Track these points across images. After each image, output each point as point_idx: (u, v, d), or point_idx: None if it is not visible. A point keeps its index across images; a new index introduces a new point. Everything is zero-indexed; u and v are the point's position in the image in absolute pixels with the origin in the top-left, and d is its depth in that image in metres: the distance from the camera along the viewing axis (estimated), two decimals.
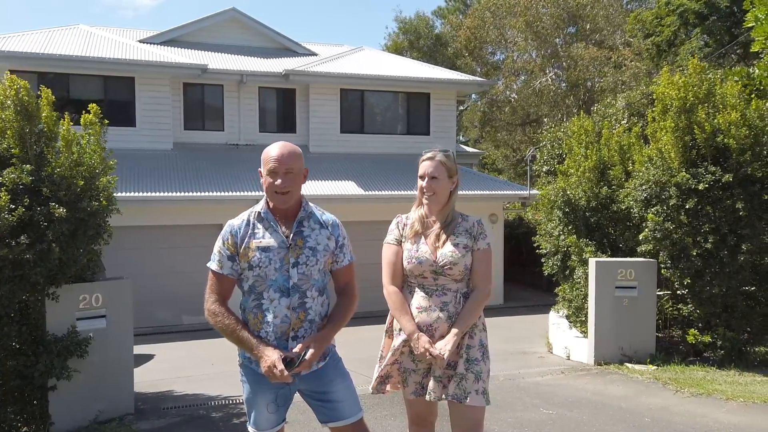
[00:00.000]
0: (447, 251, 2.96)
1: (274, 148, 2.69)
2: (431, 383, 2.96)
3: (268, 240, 2.67)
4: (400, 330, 2.98)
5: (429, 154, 3.07)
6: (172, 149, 13.26)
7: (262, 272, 2.64)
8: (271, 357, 2.53)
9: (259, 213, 2.73)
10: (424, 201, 3.04)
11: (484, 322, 3.07)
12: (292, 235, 2.69)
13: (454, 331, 2.90)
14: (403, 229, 3.08)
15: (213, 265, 2.72)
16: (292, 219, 2.73)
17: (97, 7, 70.36)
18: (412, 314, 2.96)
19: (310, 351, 2.58)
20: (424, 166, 3.04)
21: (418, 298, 2.98)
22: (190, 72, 13.24)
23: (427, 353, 2.85)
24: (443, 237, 3.00)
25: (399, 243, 3.07)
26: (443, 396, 2.96)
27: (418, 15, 32.58)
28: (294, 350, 2.60)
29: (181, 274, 11.75)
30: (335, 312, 2.80)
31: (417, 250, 3.00)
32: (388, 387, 3.09)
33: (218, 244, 2.74)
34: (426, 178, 3.02)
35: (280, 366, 2.50)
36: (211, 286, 2.71)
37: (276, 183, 2.64)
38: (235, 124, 14.00)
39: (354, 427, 2.78)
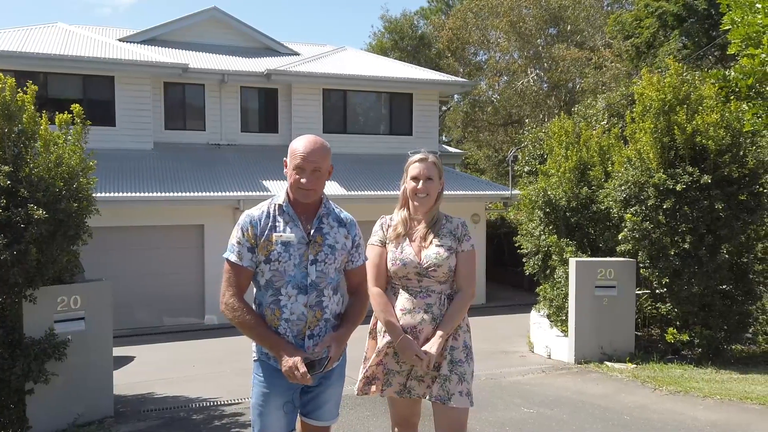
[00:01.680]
0: (431, 253, 2.95)
1: (303, 143, 2.61)
2: (412, 381, 2.97)
3: (289, 234, 2.59)
4: (385, 331, 2.97)
5: (420, 156, 3.03)
6: (153, 149, 13.15)
7: (281, 267, 2.56)
8: (293, 358, 2.46)
9: (281, 206, 2.64)
10: (416, 203, 3.01)
11: (468, 323, 3.07)
12: (312, 231, 2.63)
13: (439, 333, 2.89)
14: (387, 230, 3.06)
15: (232, 256, 2.59)
16: (313, 215, 2.67)
17: (74, 5, 69.53)
18: (396, 316, 2.94)
19: (332, 351, 2.54)
20: (418, 168, 3.01)
21: (402, 300, 2.97)
22: (171, 71, 13.14)
23: (414, 356, 2.85)
24: (428, 238, 2.99)
25: (383, 244, 3.04)
26: (425, 395, 2.97)
27: (404, 14, 32.57)
28: (316, 351, 2.55)
29: (161, 275, 11.66)
30: (350, 312, 2.76)
31: (401, 252, 2.98)
32: (373, 388, 3.07)
33: (236, 234, 2.61)
34: (421, 180, 2.99)
35: (303, 368, 2.44)
36: (228, 279, 2.58)
37: (302, 181, 2.58)
38: (216, 124, 13.92)
39: (324, 431, 2.76)
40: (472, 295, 3.02)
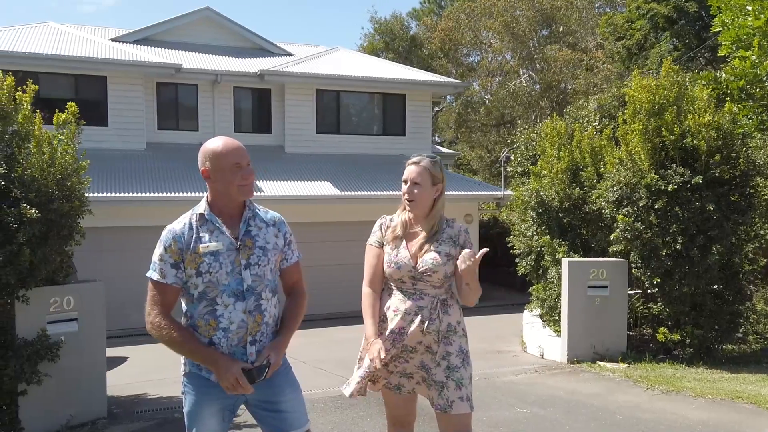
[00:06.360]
0: (428, 258, 2.91)
1: (225, 143, 2.54)
2: (402, 379, 2.98)
3: (216, 243, 2.51)
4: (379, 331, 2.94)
5: (415, 159, 3.00)
6: (146, 149, 13.11)
7: (213, 278, 2.49)
8: (232, 369, 2.42)
9: (202, 215, 2.56)
10: (406, 207, 2.99)
11: (464, 327, 3.03)
12: (240, 235, 2.56)
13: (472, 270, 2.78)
14: (385, 231, 3.03)
15: (154, 274, 2.52)
16: (238, 219, 2.59)
17: (53, 1, 69.10)
18: (377, 318, 2.94)
19: (272, 360, 2.50)
20: (408, 171, 2.98)
21: (396, 301, 2.95)
22: (164, 71, 13.10)
23: (375, 361, 2.78)
24: (426, 243, 2.95)
25: (381, 245, 3.01)
26: (414, 390, 2.99)
27: (394, 15, 32.61)
28: (255, 363, 2.50)
29: None
30: (288, 314, 2.69)
31: (397, 255, 2.95)
32: (368, 388, 3.03)
33: (158, 251, 2.53)
34: (408, 183, 2.97)
35: (243, 380, 2.41)
36: (153, 298, 2.51)
37: (244, 177, 2.52)
38: (209, 124, 13.88)
39: None
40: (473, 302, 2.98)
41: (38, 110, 5.66)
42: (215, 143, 2.55)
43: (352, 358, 3.12)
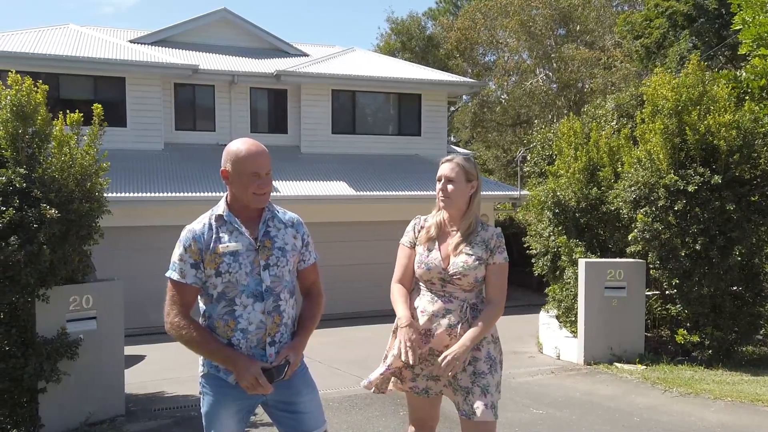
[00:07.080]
0: (459, 261, 2.88)
1: (248, 148, 2.52)
2: (429, 382, 2.94)
3: (235, 244, 2.52)
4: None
5: (448, 156, 3.00)
6: (163, 150, 13.22)
7: (233, 278, 2.50)
8: (252, 369, 2.42)
9: (221, 216, 2.57)
10: (441, 205, 2.96)
11: (494, 333, 3.00)
12: (260, 236, 2.57)
13: (464, 341, 2.78)
14: (418, 232, 3.00)
15: (174, 274, 2.53)
16: (256, 220, 2.60)
17: (71, 3, 69.86)
18: (409, 305, 2.90)
19: (291, 360, 2.51)
20: (441, 168, 2.95)
21: (424, 302, 2.91)
22: (181, 72, 13.21)
23: (407, 342, 2.73)
24: (459, 246, 2.91)
25: (412, 246, 2.98)
26: (441, 393, 2.96)
27: (411, 15, 32.63)
28: (273, 363, 2.50)
29: None
30: (305, 315, 2.69)
31: (428, 256, 2.92)
32: (390, 386, 3.01)
33: (178, 251, 2.54)
34: (442, 180, 2.93)
35: (263, 379, 2.42)
36: (172, 298, 2.53)
37: (261, 187, 2.53)
38: (226, 125, 13.98)
39: None
40: (502, 309, 2.97)
41: (59, 111, 5.73)
42: (239, 146, 2.54)
43: (367, 358, 3.12)
